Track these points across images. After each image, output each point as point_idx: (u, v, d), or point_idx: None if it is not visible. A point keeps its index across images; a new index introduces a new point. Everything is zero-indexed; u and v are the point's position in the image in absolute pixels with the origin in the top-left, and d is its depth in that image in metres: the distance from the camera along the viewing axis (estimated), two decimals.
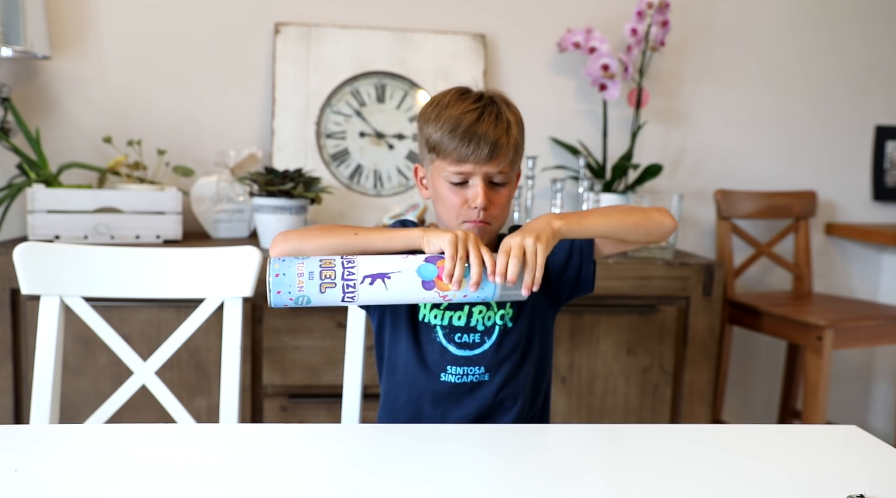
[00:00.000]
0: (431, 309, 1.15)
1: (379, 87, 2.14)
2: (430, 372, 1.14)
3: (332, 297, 0.96)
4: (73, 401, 1.73)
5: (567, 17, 2.24)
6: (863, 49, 2.44)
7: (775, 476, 0.87)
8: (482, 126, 1.08)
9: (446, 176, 1.11)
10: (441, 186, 1.12)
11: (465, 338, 1.14)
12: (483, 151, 1.07)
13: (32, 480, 0.81)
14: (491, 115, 1.10)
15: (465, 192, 1.10)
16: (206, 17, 2.11)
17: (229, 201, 1.99)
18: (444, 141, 1.09)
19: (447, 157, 1.10)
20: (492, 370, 1.14)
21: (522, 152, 1.16)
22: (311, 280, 0.95)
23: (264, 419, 1.81)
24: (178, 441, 0.94)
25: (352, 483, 0.83)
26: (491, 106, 1.11)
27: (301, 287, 0.95)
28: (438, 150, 1.11)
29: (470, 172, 1.09)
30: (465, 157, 1.08)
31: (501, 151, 1.09)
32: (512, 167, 1.12)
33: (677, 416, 1.96)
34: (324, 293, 0.96)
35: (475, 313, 1.14)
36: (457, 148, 1.08)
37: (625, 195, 2.12)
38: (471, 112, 1.09)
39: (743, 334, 2.44)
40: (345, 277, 0.96)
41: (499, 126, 1.09)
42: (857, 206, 2.51)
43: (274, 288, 0.95)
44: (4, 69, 2.02)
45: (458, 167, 1.09)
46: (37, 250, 1.23)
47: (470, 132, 1.08)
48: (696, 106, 2.37)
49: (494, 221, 1.13)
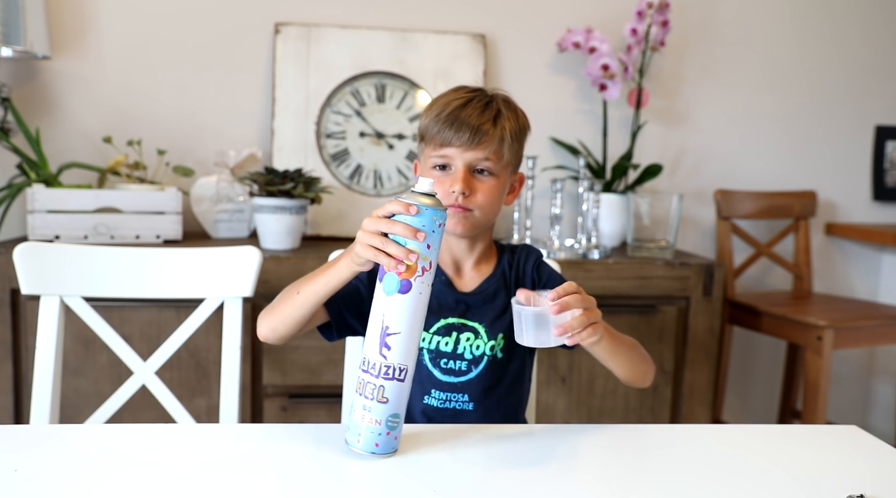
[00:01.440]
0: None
1: (379, 87, 2.14)
2: (415, 391, 1.10)
3: (402, 392, 0.89)
4: (73, 401, 1.73)
5: (567, 17, 2.24)
6: (863, 49, 2.44)
7: (775, 476, 0.87)
8: (466, 111, 1.07)
9: (431, 162, 1.10)
10: (427, 175, 1.11)
11: (450, 364, 1.11)
12: (464, 135, 1.06)
13: (32, 480, 0.81)
14: (479, 103, 1.08)
15: (447, 179, 1.08)
16: (207, 18, 2.11)
17: (229, 201, 1.99)
18: (430, 125, 1.09)
19: (431, 142, 1.09)
20: (476, 400, 1.11)
21: (518, 150, 1.13)
22: (380, 423, 0.88)
23: (264, 419, 1.81)
24: (178, 441, 0.94)
25: (352, 483, 0.83)
26: (483, 97, 1.10)
27: (387, 432, 0.89)
28: (425, 136, 1.11)
29: (451, 157, 1.08)
30: (448, 141, 1.07)
31: (485, 138, 1.06)
32: (499, 158, 1.09)
33: (677, 416, 1.96)
34: (385, 401, 0.88)
35: (462, 340, 1.11)
36: (440, 131, 1.07)
37: (625, 195, 2.12)
38: (459, 99, 1.09)
39: (743, 334, 2.44)
40: (389, 374, 0.88)
41: (485, 113, 1.07)
42: (857, 206, 2.51)
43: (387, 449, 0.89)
44: (4, 69, 2.02)
45: (440, 151, 1.08)
46: (37, 250, 1.23)
47: (453, 116, 1.07)
48: (696, 106, 2.37)
49: (478, 210, 1.09)
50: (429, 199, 0.87)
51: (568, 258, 1.91)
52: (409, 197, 0.86)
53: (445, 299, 1.12)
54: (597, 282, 1.87)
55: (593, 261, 1.90)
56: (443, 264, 1.14)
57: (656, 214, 2.03)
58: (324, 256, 1.44)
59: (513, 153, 1.11)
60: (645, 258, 1.97)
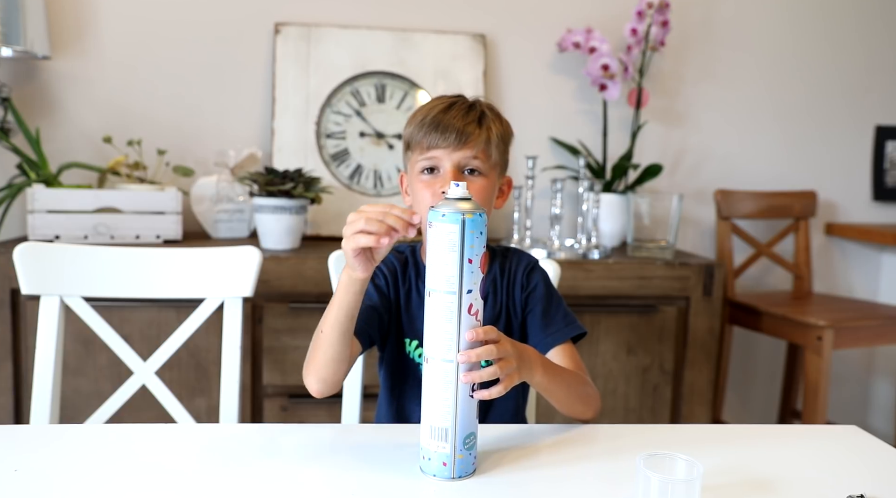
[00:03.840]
0: (416, 348, 1.13)
1: (379, 87, 2.14)
2: (414, 400, 1.10)
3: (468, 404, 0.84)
4: (73, 401, 1.73)
5: (567, 17, 2.24)
6: (862, 49, 2.44)
7: (775, 476, 0.87)
8: (450, 114, 1.07)
9: (418, 166, 1.09)
10: (415, 183, 1.10)
11: None
12: (450, 137, 1.06)
13: (32, 480, 0.81)
14: (462, 107, 1.09)
15: (436, 181, 1.07)
16: (207, 18, 2.11)
17: (229, 201, 1.99)
18: (414, 132, 1.09)
19: (417, 147, 1.09)
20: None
21: (504, 153, 1.13)
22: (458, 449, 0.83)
23: (264, 419, 1.81)
24: (178, 441, 0.94)
25: (352, 483, 0.83)
26: (465, 101, 1.11)
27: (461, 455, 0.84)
28: (411, 143, 1.10)
29: (439, 158, 1.07)
30: (434, 143, 1.06)
31: (471, 138, 1.06)
32: (487, 157, 1.08)
33: (677, 416, 1.96)
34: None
35: None
36: (425, 135, 1.07)
37: (625, 195, 2.12)
38: (442, 104, 1.10)
39: (743, 334, 2.44)
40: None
41: (469, 115, 1.08)
42: (857, 206, 2.51)
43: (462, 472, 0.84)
44: (4, 69, 2.02)
45: (427, 153, 1.08)
46: (37, 250, 1.23)
47: (437, 119, 1.07)
48: (696, 106, 2.37)
49: None
50: (468, 204, 0.82)
51: (568, 258, 1.91)
52: (446, 204, 0.82)
53: None
54: (597, 282, 1.87)
55: (593, 261, 1.90)
56: None
57: (656, 214, 2.03)
58: (324, 256, 1.44)
59: (500, 154, 1.11)
60: (645, 258, 1.97)
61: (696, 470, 0.76)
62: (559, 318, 1.13)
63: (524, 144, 2.26)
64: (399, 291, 1.15)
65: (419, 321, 1.11)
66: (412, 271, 1.16)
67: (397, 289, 1.15)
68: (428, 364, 0.84)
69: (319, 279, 1.73)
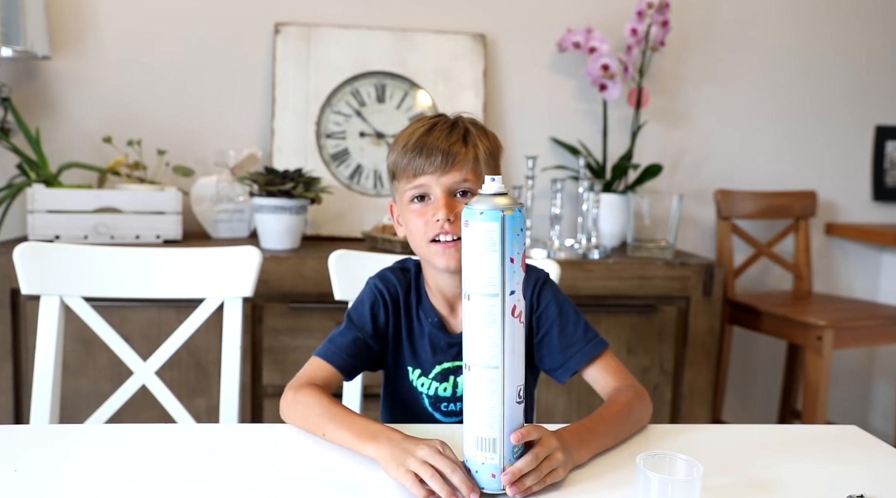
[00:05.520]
0: (419, 377, 1.11)
1: (379, 87, 2.14)
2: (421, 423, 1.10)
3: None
4: (73, 401, 1.73)
5: (567, 17, 2.24)
6: (863, 49, 2.44)
7: (775, 476, 0.87)
8: (433, 135, 1.02)
9: (408, 196, 1.03)
10: (406, 213, 1.04)
11: (451, 407, 1.10)
12: (436, 160, 1.00)
13: (32, 480, 0.81)
14: (444, 127, 1.03)
15: (428, 209, 1.01)
16: (206, 18, 2.11)
17: (229, 201, 1.99)
18: (398, 159, 1.03)
19: (403, 175, 1.03)
20: None
21: (495, 169, 1.06)
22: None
23: (264, 419, 1.81)
24: (178, 441, 0.94)
25: (352, 483, 0.83)
26: (446, 120, 1.05)
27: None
28: (396, 172, 1.05)
29: (427, 185, 1.01)
30: (420, 169, 1.00)
31: (458, 159, 1.00)
32: (477, 177, 1.02)
33: (677, 416, 1.96)
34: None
35: (460, 384, 1.08)
36: (410, 161, 1.01)
37: (625, 195, 2.12)
38: (423, 126, 1.04)
39: (743, 334, 2.44)
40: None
41: (453, 135, 1.02)
42: (857, 206, 2.51)
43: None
44: (4, 69, 2.02)
45: (414, 181, 1.02)
46: (37, 250, 1.23)
47: (420, 143, 1.01)
48: (696, 106, 2.37)
49: None
50: (506, 199, 0.78)
51: (568, 258, 1.91)
52: (482, 201, 0.78)
53: (438, 342, 1.10)
54: (597, 282, 1.87)
55: (593, 261, 1.91)
56: (435, 305, 1.10)
57: (656, 214, 2.03)
58: (324, 256, 1.44)
59: (490, 170, 1.05)
60: (645, 258, 1.97)
61: (696, 470, 0.76)
62: (578, 336, 1.08)
63: (524, 144, 2.26)
64: (400, 320, 1.11)
65: (423, 350, 1.10)
66: (413, 298, 1.12)
67: (398, 319, 1.11)
68: (470, 372, 0.80)
69: (319, 279, 1.73)
